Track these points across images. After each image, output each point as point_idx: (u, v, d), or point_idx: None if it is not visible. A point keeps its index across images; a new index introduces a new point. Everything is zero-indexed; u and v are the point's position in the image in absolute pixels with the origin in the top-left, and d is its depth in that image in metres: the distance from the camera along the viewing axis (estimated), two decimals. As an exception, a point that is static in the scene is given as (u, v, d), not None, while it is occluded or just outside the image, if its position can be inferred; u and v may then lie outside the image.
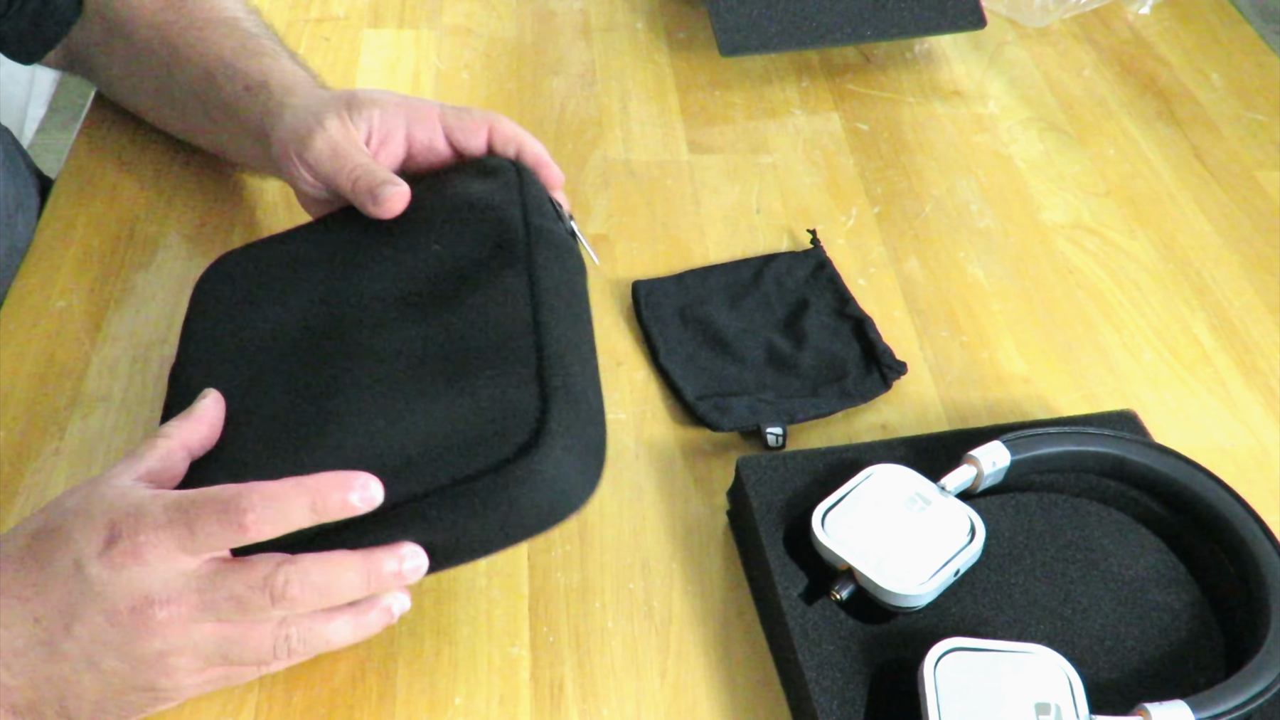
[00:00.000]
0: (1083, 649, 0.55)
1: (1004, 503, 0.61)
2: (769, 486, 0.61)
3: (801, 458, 0.63)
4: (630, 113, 0.94)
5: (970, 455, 0.60)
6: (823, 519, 0.58)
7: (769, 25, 0.95)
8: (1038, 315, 0.79)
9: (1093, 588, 0.57)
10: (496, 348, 0.54)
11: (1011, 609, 0.57)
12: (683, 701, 0.58)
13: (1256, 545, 0.57)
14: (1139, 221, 0.87)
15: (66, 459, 0.65)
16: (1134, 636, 0.56)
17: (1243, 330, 0.79)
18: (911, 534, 0.57)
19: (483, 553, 0.52)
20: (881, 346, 0.73)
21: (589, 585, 0.62)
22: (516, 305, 0.56)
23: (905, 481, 0.59)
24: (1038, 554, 0.59)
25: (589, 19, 1.04)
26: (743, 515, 0.62)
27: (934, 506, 0.58)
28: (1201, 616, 0.57)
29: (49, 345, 0.71)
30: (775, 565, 0.58)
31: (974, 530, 0.57)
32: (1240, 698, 0.51)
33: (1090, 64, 1.02)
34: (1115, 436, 0.62)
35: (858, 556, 0.56)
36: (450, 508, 0.49)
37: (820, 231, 0.82)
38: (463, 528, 0.50)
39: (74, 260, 0.77)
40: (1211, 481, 0.60)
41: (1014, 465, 0.60)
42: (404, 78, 0.96)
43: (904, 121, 0.95)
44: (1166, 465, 0.61)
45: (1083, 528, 0.60)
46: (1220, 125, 0.96)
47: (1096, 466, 0.62)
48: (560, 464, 0.50)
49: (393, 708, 0.57)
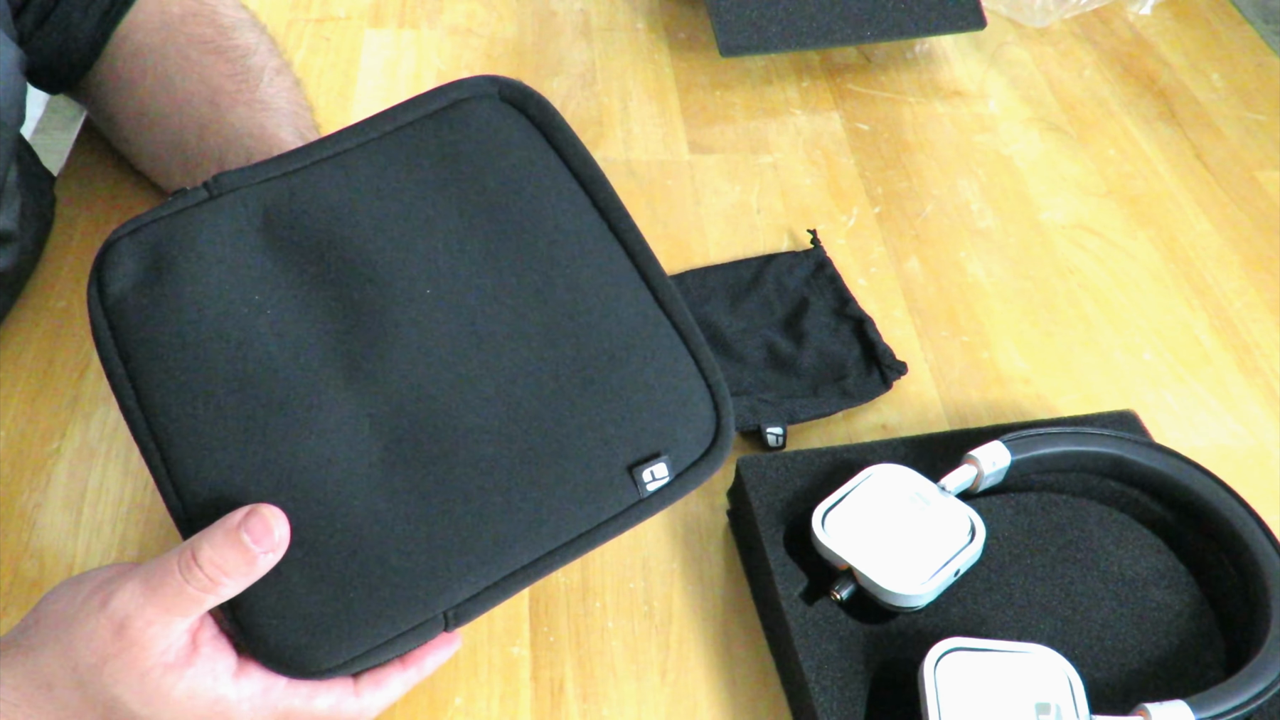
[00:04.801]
0: (1083, 649, 0.55)
1: (1004, 503, 0.61)
2: (769, 486, 0.61)
3: (801, 458, 0.63)
4: (631, 113, 0.94)
5: (970, 455, 0.60)
6: (823, 519, 0.58)
7: (769, 25, 0.95)
8: (1038, 315, 0.79)
9: (1093, 587, 0.57)
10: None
11: (1011, 609, 0.57)
12: (683, 701, 0.58)
13: (1256, 545, 0.57)
14: (1139, 221, 0.87)
15: (66, 459, 0.65)
16: (1134, 636, 0.56)
17: (1243, 330, 0.79)
18: (912, 534, 0.57)
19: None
20: (882, 346, 0.73)
21: (589, 585, 0.62)
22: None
23: (905, 481, 0.59)
24: (1038, 554, 0.59)
25: (589, 19, 1.04)
26: (743, 515, 0.62)
27: (934, 506, 0.58)
28: (1201, 616, 0.57)
29: (49, 345, 0.71)
30: (775, 565, 0.58)
31: (974, 530, 0.57)
32: (1240, 698, 0.51)
33: (1091, 64, 1.02)
34: (1115, 436, 0.62)
35: (858, 556, 0.56)
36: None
37: (821, 231, 0.82)
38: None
39: (74, 260, 0.77)
40: (1212, 482, 0.60)
41: (1014, 465, 0.60)
42: (404, 78, 0.96)
43: (905, 121, 0.95)
44: (1167, 465, 0.61)
45: (1083, 528, 0.60)
46: (1221, 125, 0.96)
47: (1097, 467, 0.62)
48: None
49: (393, 708, 0.56)
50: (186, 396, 0.49)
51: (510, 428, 0.50)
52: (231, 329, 0.51)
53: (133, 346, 0.50)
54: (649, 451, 0.50)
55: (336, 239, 0.53)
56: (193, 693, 0.46)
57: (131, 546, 0.62)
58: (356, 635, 0.47)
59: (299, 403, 0.49)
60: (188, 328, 0.50)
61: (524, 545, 0.49)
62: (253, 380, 0.50)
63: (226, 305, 0.51)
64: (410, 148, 0.56)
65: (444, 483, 0.49)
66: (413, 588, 0.47)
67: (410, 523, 0.48)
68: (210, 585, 0.45)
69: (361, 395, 0.50)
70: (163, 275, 0.52)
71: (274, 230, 0.53)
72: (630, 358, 0.52)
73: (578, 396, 0.51)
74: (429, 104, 0.57)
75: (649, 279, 0.54)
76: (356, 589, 0.47)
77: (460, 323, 0.52)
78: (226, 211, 0.53)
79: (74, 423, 0.67)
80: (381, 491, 0.48)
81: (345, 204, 0.54)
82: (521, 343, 0.52)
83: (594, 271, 0.54)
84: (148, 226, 0.53)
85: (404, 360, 0.51)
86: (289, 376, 0.50)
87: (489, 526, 0.48)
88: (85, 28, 0.74)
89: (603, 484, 0.50)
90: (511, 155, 0.56)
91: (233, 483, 0.48)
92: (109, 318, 0.51)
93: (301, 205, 0.54)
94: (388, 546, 0.47)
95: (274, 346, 0.50)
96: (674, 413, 0.52)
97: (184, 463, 0.49)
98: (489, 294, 0.53)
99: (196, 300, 0.51)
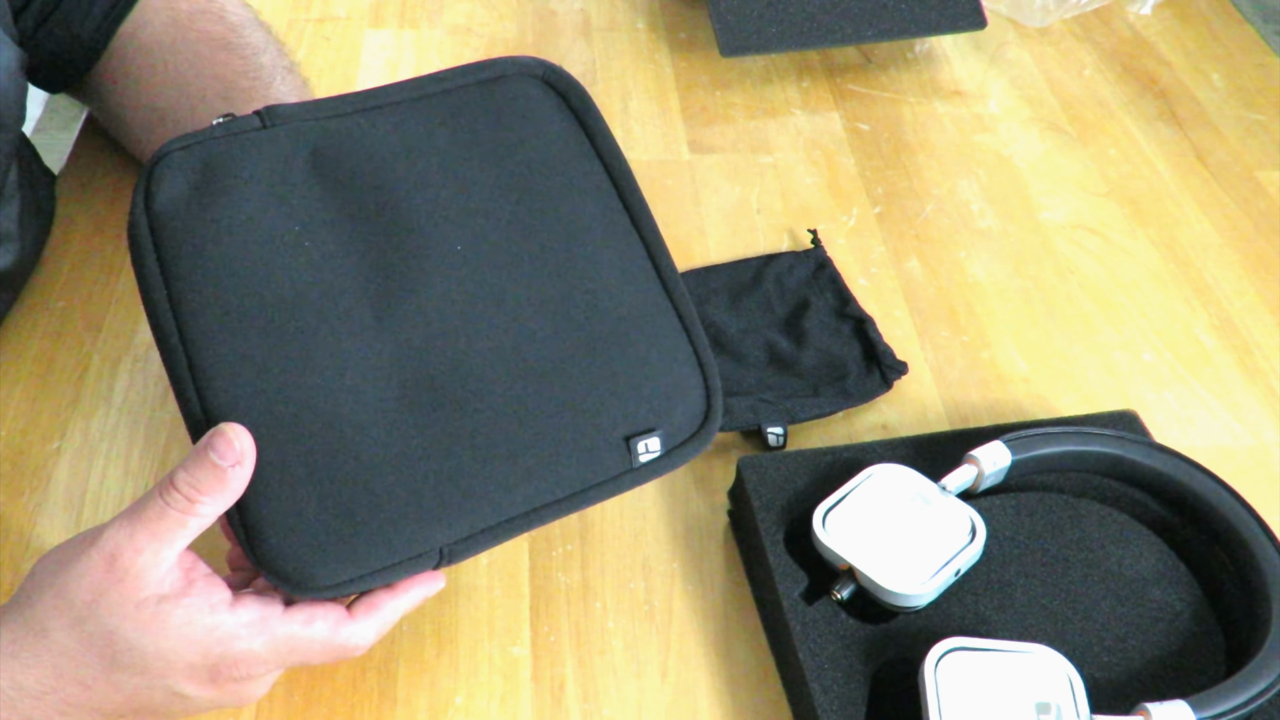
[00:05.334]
0: (1083, 648, 0.55)
1: (1005, 503, 0.61)
2: (769, 486, 0.61)
3: (802, 458, 0.63)
4: (631, 113, 0.94)
5: (971, 455, 0.60)
6: (823, 519, 0.58)
7: (769, 26, 0.95)
8: (1038, 315, 0.79)
9: (1093, 587, 0.57)
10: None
11: (1012, 609, 0.57)
12: (683, 701, 0.58)
13: (1256, 545, 0.57)
14: (1140, 221, 0.87)
15: (67, 459, 0.65)
16: (1135, 635, 0.56)
17: (1243, 330, 0.79)
18: (912, 534, 0.57)
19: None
20: (882, 346, 0.73)
21: (590, 585, 0.62)
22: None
23: (906, 481, 0.59)
24: (1038, 554, 0.59)
25: (590, 19, 1.04)
26: (743, 515, 0.62)
27: (935, 506, 0.58)
28: (1202, 615, 0.57)
29: (49, 345, 0.71)
30: (776, 565, 0.58)
31: (975, 530, 0.57)
32: (1241, 697, 0.51)
33: (1091, 64, 1.02)
34: (1116, 436, 0.62)
35: (858, 556, 0.56)
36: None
37: (821, 231, 0.82)
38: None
39: (74, 260, 0.77)
40: (1212, 481, 0.60)
41: (1015, 465, 0.60)
42: (405, 78, 0.96)
43: (905, 121, 0.95)
44: (1167, 465, 0.61)
45: (1083, 528, 0.60)
46: (1221, 125, 0.96)
47: (1097, 466, 0.62)
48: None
49: (393, 708, 0.57)
50: (218, 311, 0.50)
51: (520, 384, 0.52)
52: (269, 253, 0.52)
53: (171, 255, 0.51)
54: (645, 425, 0.53)
55: (380, 183, 0.55)
56: (190, 619, 0.47)
57: (132, 546, 0.62)
58: (356, 557, 0.48)
59: (327, 332, 0.51)
60: (227, 245, 0.52)
61: (521, 494, 0.51)
62: (284, 304, 0.51)
63: (267, 230, 0.52)
64: (456, 110, 0.58)
65: (454, 427, 0.51)
66: (414, 520, 0.49)
67: (418, 460, 0.50)
68: (188, 505, 0.47)
69: (386, 335, 0.52)
70: (208, 192, 0.53)
71: (321, 166, 0.55)
72: (635, 338, 0.55)
73: (584, 365, 0.53)
74: (478, 73, 0.59)
75: (660, 270, 0.57)
76: (361, 514, 0.48)
77: (484, 282, 0.54)
78: (277, 142, 0.55)
79: (74, 422, 0.67)
80: (394, 428, 0.50)
81: (391, 152, 0.56)
82: (538, 308, 0.54)
83: (611, 255, 0.56)
84: (200, 144, 0.54)
85: (430, 309, 0.53)
86: (320, 307, 0.51)
87: (491, 472, 0.50)
88: (88, 27, 0.74)
89: (600, 448, 0.52)
90: (548, 135, 0.58)
91: (254, 402, 0.49)
92: (151, 224, 0.52)
93: (350, 146, 0.56)
94: (395, 479, 0.49)
95: (308, 276, 0.52)
96: (670, 393, 0.54)
97: (209, 374, 0.49)
98: (514, 259, 0.55)
99: (239, 220, 0.52)
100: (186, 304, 0.50)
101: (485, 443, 0.51)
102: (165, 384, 0.69)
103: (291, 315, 0.51)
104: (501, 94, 0.59)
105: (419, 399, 0.51)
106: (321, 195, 0.54)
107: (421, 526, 0.49)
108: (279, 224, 0.53)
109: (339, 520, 0.48)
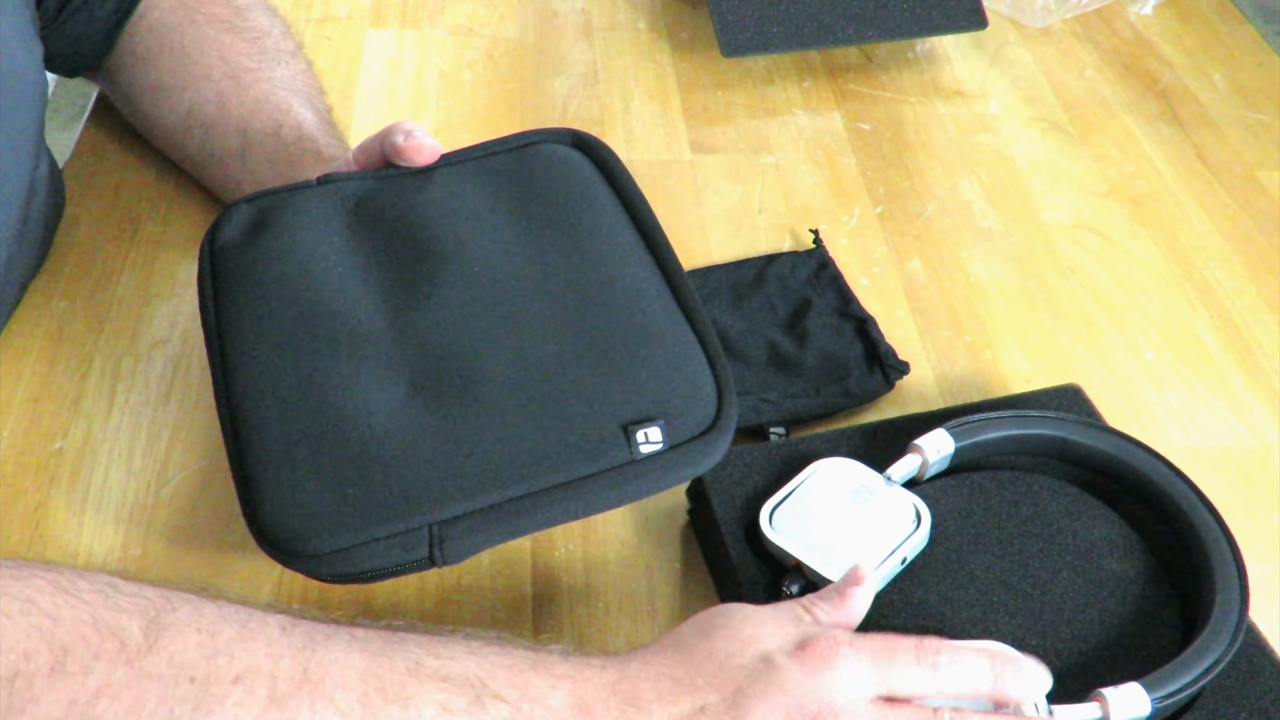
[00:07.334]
0: (1045, 623, 0.55)
1: (958, 483, 0.61)
2: (726, 483, 0.61)
3: (756, 453, 0.62)
4: (632, 113, 0.94)
5: (915, 444, 0.60)
6: (770, 516, 0.58)
7: (771, 26, 0.95)
8: (1040, 315, 0.79)
9: (1050, 560, 0.58)
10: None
11: (974, 587, 0.56)
12: (686, 701, 0.58)
13: (1197, 519, 0.57)
14: (1141, 221, 0.87)
15: (68, 459, 0.65)
16: (1094, 607, 0.56)
17: (1245, 330, 0.79)
18: (857, 526, 0.57)
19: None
20: (884, 346, 0.73)
21: (592, 586, 0.62)
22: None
23: (850, 474, 0.59)
24: (994, 531, 0.59)
25: (591, 19, 1.04)
26: (703, 514, 0.62)
27: (879, 497, 0.58)
28: (1156, 582, 0.57)
29: (50, 345, 0.71)
30: (738, 562, 0.58)
31: (920, 518, 0.57)
32: (1191, 674, 0.51)
33: (1092, 64, 1.02)
34: (1057, 418, 0.62)
35: (804, 551, 0.56)
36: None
37: (822, 231, 0.82)
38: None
39: (75, 260, 0.77)
40: (1153, 458, 0.60)
41: (959, 452, 0.60)
42: (406, 78, 0.96)
43: (906, 121, 0.95)
44: (1109, 444, 0.61)
45: (1036, 503, 0.60)
46: (1222, 125, 0.96)
47: (1041, 448, 0.62)
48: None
49: (396, 707, 0.56)
50: (256, 318, 0.58)
51: (522, 377, 0.55)
52: (307, 279, 0.60)
53: (223, 280, 0.60)
54: (644, 415, 0.54)
55: (409, 225, 0.62)
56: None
57: (135, 547, 0.62)
58: (345, 528, 0.51)
59: (346, 338, 0.57)
60: (272, 271, 0.60)
61: (513, 479, 0.53)
62: (313, 317, 0.58)
63: (307, 260, 0.60)
64: (487, 169, 0.66)
65: (452, 415, 0.54)
66: (404, 496, 0.52)
67: (415, 444, 0.53)
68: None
69: (399, 337, 0.57)
70: (262, 230, 0.62)
71: (360, 214, 0.63)
72: (645, 347, 0.57)
73: (590, 365, 0.56)
74: (512, 142, 0.68)
75: (676, 290, 0.60)
76: (354, 489, 0.52)
77: (498, 295, 0.59)
78: (327, 195, 0.64)
79: (76, 423, 0.67)
80: (397, 416, 0.54)
81: (423, 201, 0.64)
82: (550, 319, 0.58)
83: (629, 279, 0.60)
84: (264, 197, 0.64)
85: (441, 313, 0.58)
86: (344, 320, 0.58)
87: (484, 456, 0.53)
88: (103, 13, 0.77)
89: (596, 436, 0.54)
90: (572, 183, 0.65)
91: (274, 386, 0.55)
92: (213, 259, 0.61)
93: (387, 198, 0.64)
94: (391, 459, 0.53)
95: (337, 298, 0.59)
96: (677, 392, 0.56)
97: (235, 365, 0.57)
98: (531, 280, 0.60)
99: (283, 252, 0.61)
100: (226, 314, 0.59)
101: (482, 429, 0.54)
102: (168, 384, 0.69)
103: (318, 325, 0.57)
104: (531, 154, 0.67)
105: (422, 390, 0.55)
106: (357, 236, 0.62)
107: (411, 503, 0.51)
108: (317, 256, 0.61)
109: (331, 493, 0.52)
